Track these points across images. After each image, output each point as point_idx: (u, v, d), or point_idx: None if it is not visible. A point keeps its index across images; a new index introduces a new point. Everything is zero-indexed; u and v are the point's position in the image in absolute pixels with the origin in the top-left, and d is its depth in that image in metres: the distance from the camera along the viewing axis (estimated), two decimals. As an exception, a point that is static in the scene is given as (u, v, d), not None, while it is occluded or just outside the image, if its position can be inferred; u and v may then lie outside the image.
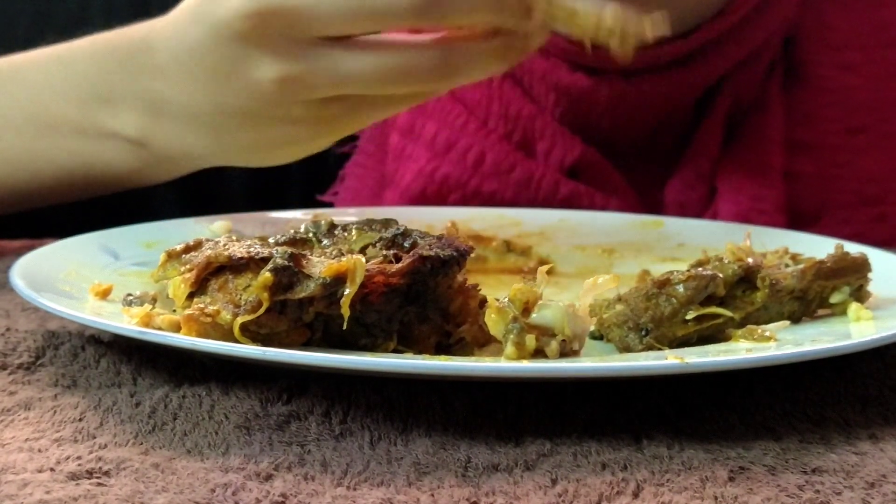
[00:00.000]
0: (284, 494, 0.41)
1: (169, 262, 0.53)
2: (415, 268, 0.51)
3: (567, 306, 0.50)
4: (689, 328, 0.54)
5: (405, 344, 0.52)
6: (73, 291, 0.58)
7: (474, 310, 0.53)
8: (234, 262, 0.50)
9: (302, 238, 0.55)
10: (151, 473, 0.42)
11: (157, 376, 0.53)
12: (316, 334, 0.50)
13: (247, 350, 0.48)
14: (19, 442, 0.45)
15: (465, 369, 0.47)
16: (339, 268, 0.49)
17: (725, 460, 0.44)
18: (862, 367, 0.54)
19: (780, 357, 0.49)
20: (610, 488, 0.42)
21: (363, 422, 0.47)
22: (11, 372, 0.54)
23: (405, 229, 0.53)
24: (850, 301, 0.58)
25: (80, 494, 0.40)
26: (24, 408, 0.49)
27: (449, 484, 0.42)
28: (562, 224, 0.78)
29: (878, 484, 0.43)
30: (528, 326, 0.49)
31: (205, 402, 0.49)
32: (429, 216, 0.78)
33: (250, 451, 0.45)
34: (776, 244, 0.64)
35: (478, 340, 0.53)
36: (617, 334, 0.55)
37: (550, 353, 0.49)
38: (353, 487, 0.42)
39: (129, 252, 0.67)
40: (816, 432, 0.48)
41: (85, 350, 0.56)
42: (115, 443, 0.45)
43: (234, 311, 0.49)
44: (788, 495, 0.42)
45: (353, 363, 0.47)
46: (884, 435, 0.48)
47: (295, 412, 0.48)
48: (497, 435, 0.46)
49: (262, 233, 0.69)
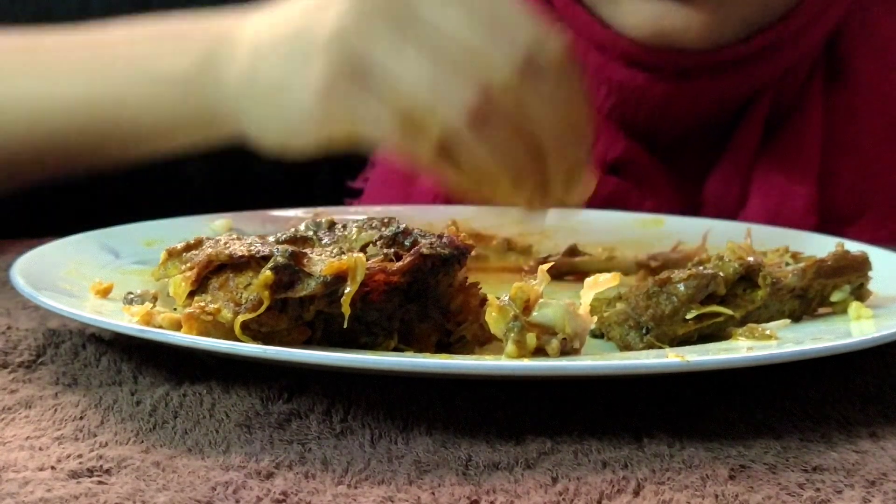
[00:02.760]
0: (285, 493, 0.41)
1: (170, 260, 0.53)
2: (415, 266, 0.51)
3: (568, 305, 0.50)
4: (689, 327, 0.54)
5: (406, 342, 0.52)
6: (74, 290, 0.58)
7: (475, 308, 0.53)
8: (234, 260, 0.50)
9: (303, 236, 0.55)
10: (152, 472, 0.42)
11: (157, 375, 0.53)
12: (316, 333, 0.50)
13: (247, 348, 0.48)
14: (20, 440, 0.45)
15: (465, 368, 0.47)
16: (340, 266, 0.49)
17: (726, 458, 0.44)
18: (863, 366, 0.54)
19: (780, 356, 0.49)
20: (611, 486, 0.42)
21: (364, 420, 0.47)
22: (12, 370, 0.54)
23: (406, 227, 0.53)
24: (850, 299, 0.58)
25: (80, 492, 0.40)
26: (25, 406, 0.49)
27: (450, 482, 0.42)
28: (561, 223, 0.78)
29: (878, 482, 0.43)
30: (528, 325, 0.49)
31: (205, 400, 0.49)
32: (429, 215, 0.78)
33: (251, 449, 0.45)
34: (776, 243, 0.64)
35: (478, 339, 0.53)
36: (618, 333, 0.55)
37: (551, 352, 0.49)
38: (353, 486, 0.42)
39: (130, 250, 0.67)
40: (817, 431, 0.48)
41: (86, 348, 0.56)
42: (116, 441, 0.45)
43: (235, 310, 0.49)
44: (789, 493, 0.42)
45: (354, 362, 0.47)
46: (884, 433, 0.48)
47: (296, 410, 0.48)
48: (498, 433, 0.46)
49: (263, 231, 0.69)
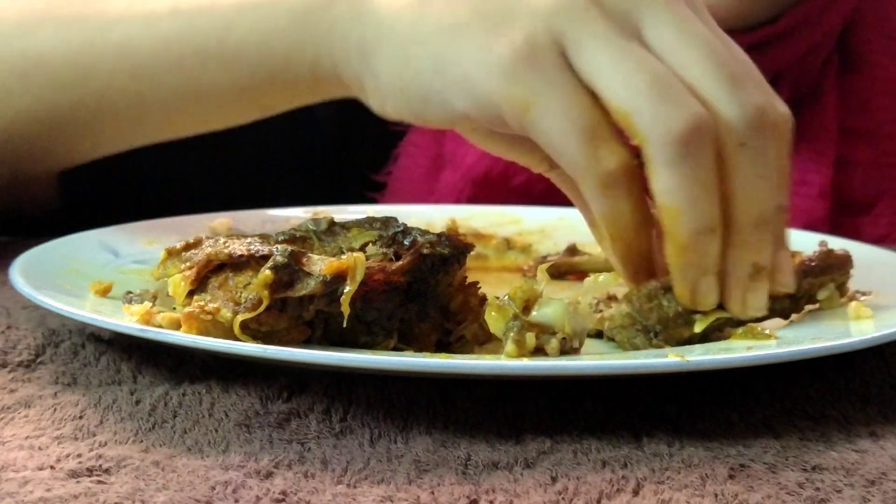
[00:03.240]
0: (284, 492, 0.41)
1: (169, 259, 0.53)
2: (415, 265, 0.51)
3: (567, 304, 0.50)
4: (694, 329, 0.54)
5: (405, 342, 0.52)
6: (73, 289, 0.58)
7: (474, 307, 0.53)
8: (234, 259, 0.50)
9: (302, 236, 0.55)
10: (151, 471, 0.42)
11: (157, 374, 0.53)
12: (316, 332, 0.50)
13: (247, 348, 0.48)
14: (19, 440, 0.45)
15: (465, 367, 0.47)
16: (340, 265, 0.49)
17: (725, 458, 0.44)
18: (862, 365, 0.54)
19: (780, 355, 0.49)
20: (610, 486, 0.42)
21: (363, 419, 0.47)
22: (11, 370, 0.54)
23: (405, 227, 0.53)
24: (835, 296, 0.59)
25: (80, 492, 0.40)
26: (25, 405, 0.49)
27: (449, 482, 0.42)
28: (561, 222, 0.78)
29: (878, 482, 0.43)
30: (528, 324, 0.49)
31: (205, 399, 0.49)
32: (429, 214, 0.78)
33: (250, 448, 0.45)
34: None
35: (478, 338, 0.53)
36: (625, 336, 0.55)
37: (550, 351, 0.49)
38: (353, 485, 0.42)
39: (130, 249, 0.67)
40: (816, 430, 0.48)
41: (85, 348, 0.56)
42: (116, 440, 0.45)
43: (235, 309, 0.49)
44: (788, 493, 0.42)
45: (354, 361, 0.47)
46: (884, 433, 0.48)
47: (295, 410, 0.48)
48: (497, 433, 0.46)
49: (262, 230, 0.69)
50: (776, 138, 0.52)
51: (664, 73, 0.51)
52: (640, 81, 0.50)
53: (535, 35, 0.52)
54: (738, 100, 0.51)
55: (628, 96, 0.50)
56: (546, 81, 0.51)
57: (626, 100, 0.50)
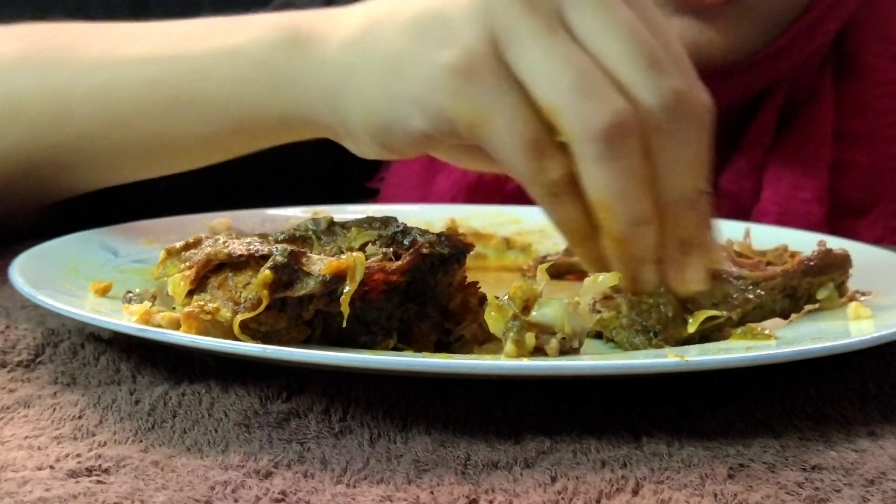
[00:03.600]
0: (284, 492, 0.41)
1: (168, 259, 0.53)
2: (415, 265, 0.51)
3: (567, 304, 0.50)
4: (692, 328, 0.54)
5: (405, 342, 0.52)
6: (73, 289, 0.58)
7: (474, 307, 0.53)
8: (233, 259, 0.50)
9: (302, 235, 0.55)
10: (151, 471, 0.42)
11: (156, 374, 0.52)
12: (316, 332, 0.50)
13: (246, 348, 0.48)
14: (19, 439, 0.45)
15: (464, 367, 0.47)
16: (339, 265, 0.49)
17: (725, 458, 0.44)
18: (861, 366, 0.54)
19: (780, 355, 0.49)
20: (609, 485, 0.42)
21: (363, 419, 0.47)
22: (11, 369, 0.54)
23: (405, 227, 0.53)
24: (834, 295, 0.59)
25: (79, 492, 0.40)
26: (24, 405, 0.49)
27: (448, 481, 0.42)
28: None
29: (877, 481, 0.43)
30: (527, 324, 0.49)
31: (204, 399, 0.49)
32: (428, 213, 0.78)
33: (250, 448, 0.45)
34: (775, 242, 0.64)
35: (477, 338, 0.53)
36: (625, 336, 0.55)
37: (550, 351, 0.49)
38: (352, 485, 0.42)
39: (129, 249, 0.67)
40: (816, 430, 0.48)
41: (84, 348, 0.56)
42: (115, 440, 0.45)
43: (234, 309, 0.49)
44: (788, 492, 0.42)
45: (353, 361, 0.47)
46: (883, 432, 0.48)
47: (294, 410, 0.48)
48: (496, 432, 0.46)
49: (262, 230, 0.69)
50: (693, 123, 0.52)
51: (587, 67, 0.51)
52: (564, 78, 0.51)
53: (472, 44, 0.53)
54: (654, 84, 0.51)
55: (553, 94, 0.51)
56: (488, 95, 0.52)
57: (551, 98, 0.51)
